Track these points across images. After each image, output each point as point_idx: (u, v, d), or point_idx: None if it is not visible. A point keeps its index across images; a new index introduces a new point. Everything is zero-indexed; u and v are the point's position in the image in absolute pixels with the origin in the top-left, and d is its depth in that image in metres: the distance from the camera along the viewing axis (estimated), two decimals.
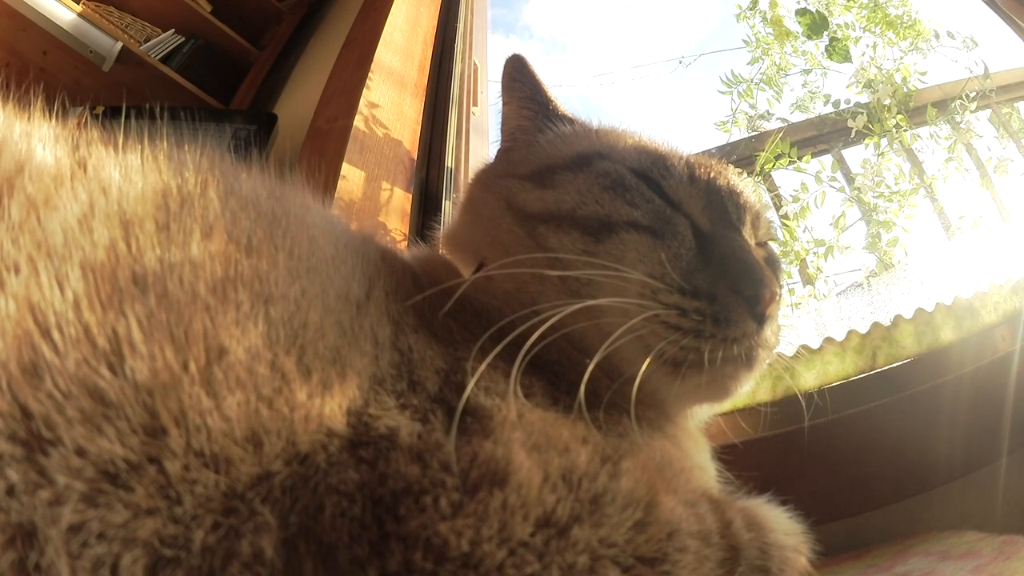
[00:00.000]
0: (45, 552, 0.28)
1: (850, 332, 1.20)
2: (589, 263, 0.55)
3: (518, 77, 0.72)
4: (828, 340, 1.20)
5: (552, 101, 0.72)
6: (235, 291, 0.37)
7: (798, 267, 1.91)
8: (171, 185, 0.41)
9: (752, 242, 0.63)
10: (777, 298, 0.56)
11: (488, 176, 0.70)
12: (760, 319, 0.54)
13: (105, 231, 0.36)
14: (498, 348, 0.44)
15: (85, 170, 0.40)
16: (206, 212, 0.40)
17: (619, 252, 0.56)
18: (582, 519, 0.35)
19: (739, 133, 2.20)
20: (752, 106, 2.20)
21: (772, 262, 0.68)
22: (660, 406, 0.57)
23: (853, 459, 0.98)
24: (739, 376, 0.56)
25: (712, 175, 0.64)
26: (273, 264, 0.40)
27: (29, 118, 0.43)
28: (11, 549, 0.28)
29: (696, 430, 0.65)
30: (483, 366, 0.42)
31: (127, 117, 0.46)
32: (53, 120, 0.45)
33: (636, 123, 0.71)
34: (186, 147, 0.46)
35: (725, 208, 0.62)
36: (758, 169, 2.00)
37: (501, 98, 0.74)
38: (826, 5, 2.12)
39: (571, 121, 0.71)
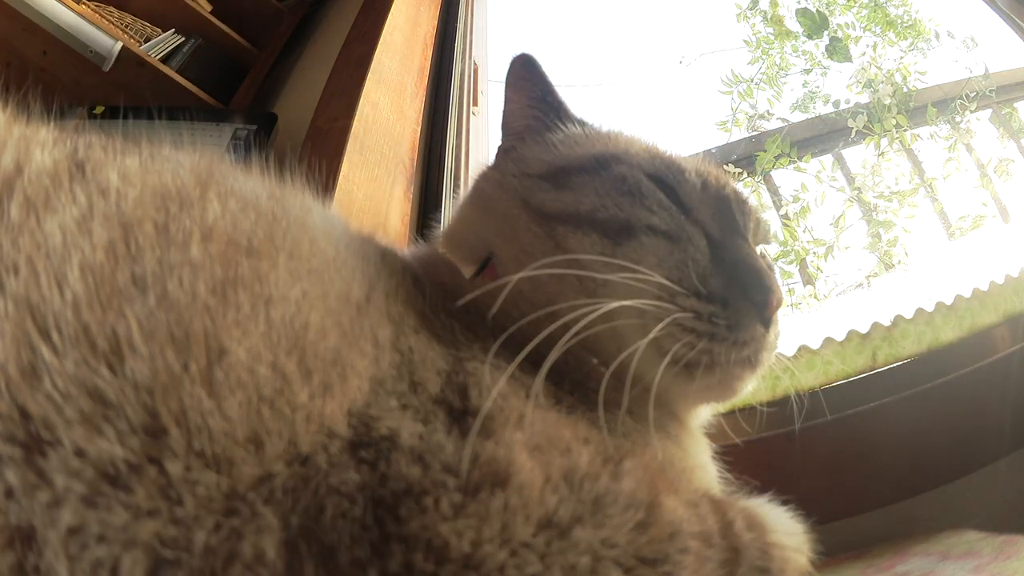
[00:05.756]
0: (44, 555, 0.28)
1: (850, 332, 1.20)
2: (608, 264, 0.55)
3: (527, 76, 0.72)
4: (828, 340, 1.20)
5: (563, 103, 0.72)
6: (235, 292, 0.37)
7: (798, 267, 1.91)
8: (170, 188, 0.41)
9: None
10: (782, 302, 0.58)
11: (499, 173, 0.69)
12: (767, 323, 0.57)
13: (104, 232, 0.36)
14: (523, 354, 0.44)
15: (83, 173, 0.39)
16: (205, 214, 0.40)
17: (637, 255, 0.56)
18: (584, 520, 0.35)
19: (739, 133, 2.21)
20: (752, 106, 2.20)
21: (769, 265, 0.69)
22: (666, 406, 0.58)
23: (853, 459, 0.98)
24: (746, 377, 0.58)
25: (721, 183, 0.65)
26: (273, 265, 0.40)
27: (27, 121, 0.43)
28: (9, 552, 0.28)
29: (698, 429, 0.66)
30: (508, 374, 0.42)
31: (127, 117, 0.46)
32: (51, 123, 0.44)
33: (637, 124, 0.72)
34: (185, 149, 0.46)
35: (733, 216, 0.63)
36: (758, 169, 2.00)
37: (506, 95, 0.73)
38: (826, 5, 2.13)
39: (581, 123, 0.71)
